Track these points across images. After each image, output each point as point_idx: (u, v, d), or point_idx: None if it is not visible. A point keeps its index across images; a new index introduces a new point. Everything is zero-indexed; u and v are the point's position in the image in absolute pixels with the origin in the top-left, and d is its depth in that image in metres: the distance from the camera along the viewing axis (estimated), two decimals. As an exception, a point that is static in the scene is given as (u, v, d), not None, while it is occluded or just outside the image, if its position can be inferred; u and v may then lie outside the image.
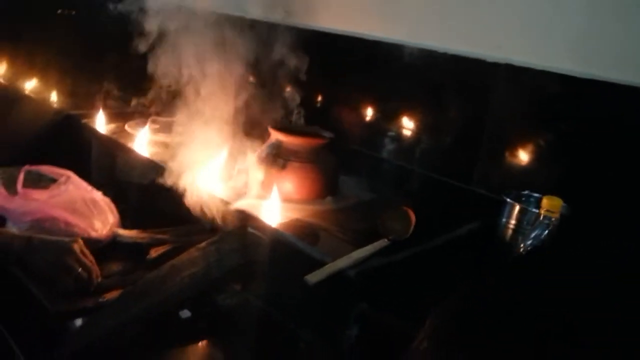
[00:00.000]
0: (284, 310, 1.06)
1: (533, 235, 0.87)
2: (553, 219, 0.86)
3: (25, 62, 1.53)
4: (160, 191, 1.29)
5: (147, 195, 1.36)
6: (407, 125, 1.44)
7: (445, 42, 1.35)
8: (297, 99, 1.32)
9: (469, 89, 1.32)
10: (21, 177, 1.15)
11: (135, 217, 1.29)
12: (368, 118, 1.52)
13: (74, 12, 1.61)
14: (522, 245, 0.89)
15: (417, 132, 1.42)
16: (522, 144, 1.24)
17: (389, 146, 1.47)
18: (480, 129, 1.30)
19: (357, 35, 1.50)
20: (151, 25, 1.30)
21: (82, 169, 1.36)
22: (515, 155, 1.25)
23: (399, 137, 1.45)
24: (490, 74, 1.26)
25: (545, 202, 0.86)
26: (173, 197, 1.24)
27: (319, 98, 1.63)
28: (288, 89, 1.38)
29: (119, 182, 1.46)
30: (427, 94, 1.39)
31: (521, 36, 1.24)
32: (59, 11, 1.59)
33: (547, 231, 0.86)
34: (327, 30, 1.56)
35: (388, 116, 1.47)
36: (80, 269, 0.99)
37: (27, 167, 1.19)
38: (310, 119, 1.35)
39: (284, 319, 1.05)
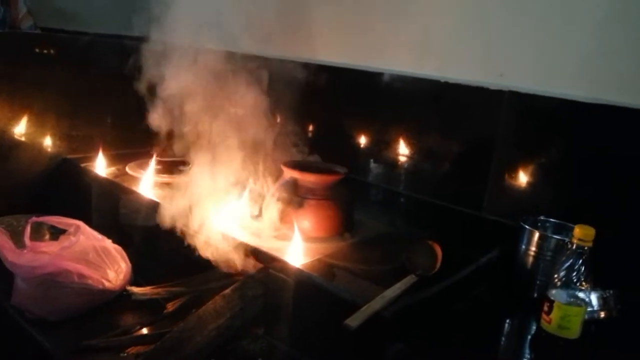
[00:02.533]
0: (312, 353, 1.03)
1: (567, 265, 0.87)
2: (586, 248, 0.86)
3: (18, 106, 1.48)
4: (169, 235, 1.26)
5: (156, 240, 1.32)
6: (414, 155, 1.45)
7: (446, 72, 1.36)
8: (306, 134, 1.32)
9: (475, 116, 1.34)
10: (28, 229, 1.11)
11: (146, 264, 1.25)
12: (374, 150, 1.52)
13: (52, 51, 1.58)
14: (555, 276, 0.88)
15: (424, 161, 1.42)
16: (531, 169, 1.25)
17: (397, 177, 1.47)
18: (489, 155, 1.31)
19: (360, 68, 1.50)
20: (150, 64, 1.28)
21: (84, 215, 1.32)
22: (523, 181, 1.26)
23: (406, 167, 1.46)
24: (495, 102, 1.28)
25: (577, 231, 0.86)
26: (183, 241, 1.22)
27: (326, 132, 1.62)
28: (296, 124, 1.37)
29: (123, 227, 1.42)
30: (433, 123, 1.40)
31: (523, 63, 1.27)
32: (37, 50, 1.55)
33: (581, 260, 0.86)
34: (331, 64, 1.56)
35: (394, 147, 1.47)
36: None
37: (33, 219, 1.14)
38: (319, 153, 1.35)
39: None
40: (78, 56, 1.58)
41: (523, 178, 1.26)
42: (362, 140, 1.53)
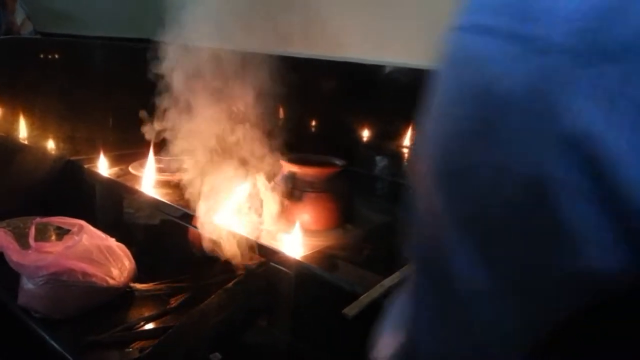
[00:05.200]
0: (314, 344, 1.04)
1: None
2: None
3: (20, 110, 1.51)
4: (171, 232, 1.27)
5: (159, 237, 1.34)
6: (411, 144, 1.45)
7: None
8: (303, 128, 1.32)
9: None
10: (32, 230, 1.13)
11: (149, 261, 1.26)
12: (373, 141, 1.52)
13: (52, 55, 1.60)
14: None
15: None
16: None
17: (397, 167, 1.48)
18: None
19: (353, 61, 1.51)
20: (149, 63, 1.29)
21: (88, 215, 1.34)
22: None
23: (405, 158, 1.46)
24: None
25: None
26: (186, 237, 1.23)
27: (324, 125, 1.63)
28: (292, 118, 1.38)
29: (127, 226, 1.43)
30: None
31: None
32: (37, 54, 1.57)
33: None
34: (323, 58, 1.56)
35: (393, 138, 1.47)
36: None
37: (37, 220, 1.16)
38: (317, 147, 1.35)
39: (315, 353, 1.04)
40: (78, 59, 1.60)
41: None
42: (360, 133, 1.54)
